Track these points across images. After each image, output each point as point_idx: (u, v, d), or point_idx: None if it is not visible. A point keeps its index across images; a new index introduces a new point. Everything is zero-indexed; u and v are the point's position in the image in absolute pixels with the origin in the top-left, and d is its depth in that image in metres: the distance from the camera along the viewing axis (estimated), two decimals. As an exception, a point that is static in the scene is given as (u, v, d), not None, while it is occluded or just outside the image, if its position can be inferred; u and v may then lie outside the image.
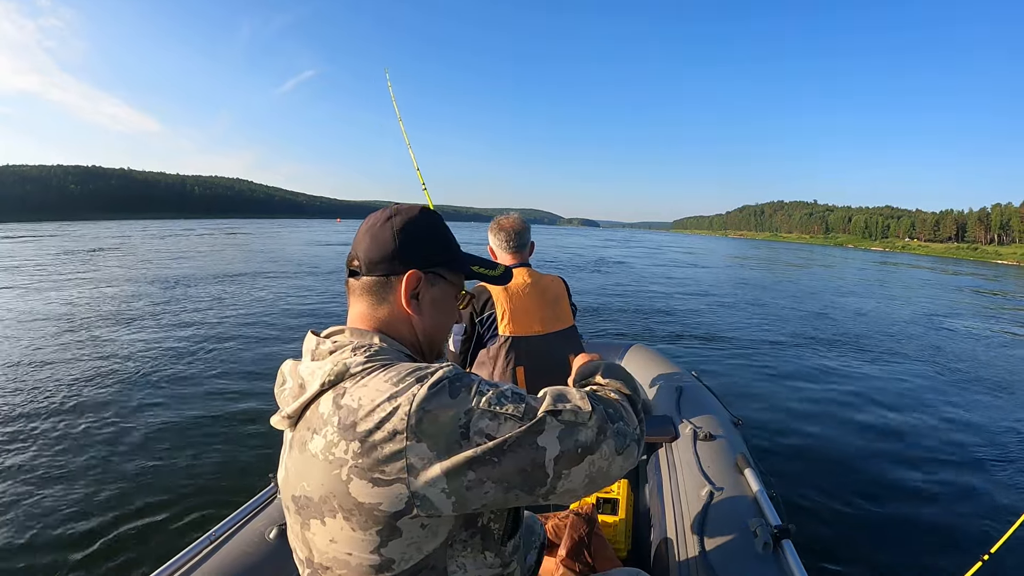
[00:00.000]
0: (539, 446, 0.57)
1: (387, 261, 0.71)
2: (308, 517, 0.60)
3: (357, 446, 0.55)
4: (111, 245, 22.37)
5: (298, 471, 0.61)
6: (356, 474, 0.55)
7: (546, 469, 0.58)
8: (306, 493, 0.60)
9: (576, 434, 0.60)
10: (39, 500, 2.67)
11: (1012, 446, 3.73)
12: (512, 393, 0.60)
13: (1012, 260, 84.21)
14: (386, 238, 0.72)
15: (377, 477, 0.55)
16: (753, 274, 20.16)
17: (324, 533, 0.59)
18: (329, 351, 0.65)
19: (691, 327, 7.91)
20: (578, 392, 0.65)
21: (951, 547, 2.39)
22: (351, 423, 0.56)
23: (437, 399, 0.56)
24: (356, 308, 0.73)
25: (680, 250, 39.99)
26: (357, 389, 0.59)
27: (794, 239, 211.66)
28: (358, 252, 0.73)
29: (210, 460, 3.10)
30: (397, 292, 0.71)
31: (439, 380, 0.58)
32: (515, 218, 1.84)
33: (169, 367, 4.93)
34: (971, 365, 6.30)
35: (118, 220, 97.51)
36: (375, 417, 0.55)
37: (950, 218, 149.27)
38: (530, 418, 0.58)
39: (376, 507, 0.55)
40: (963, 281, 23.65)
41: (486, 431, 0.56)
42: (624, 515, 1.66)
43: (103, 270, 13.12)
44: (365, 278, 0.72)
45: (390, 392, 0.57)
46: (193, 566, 1.22)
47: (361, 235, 0.74)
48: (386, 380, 0.58)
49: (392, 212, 0.75)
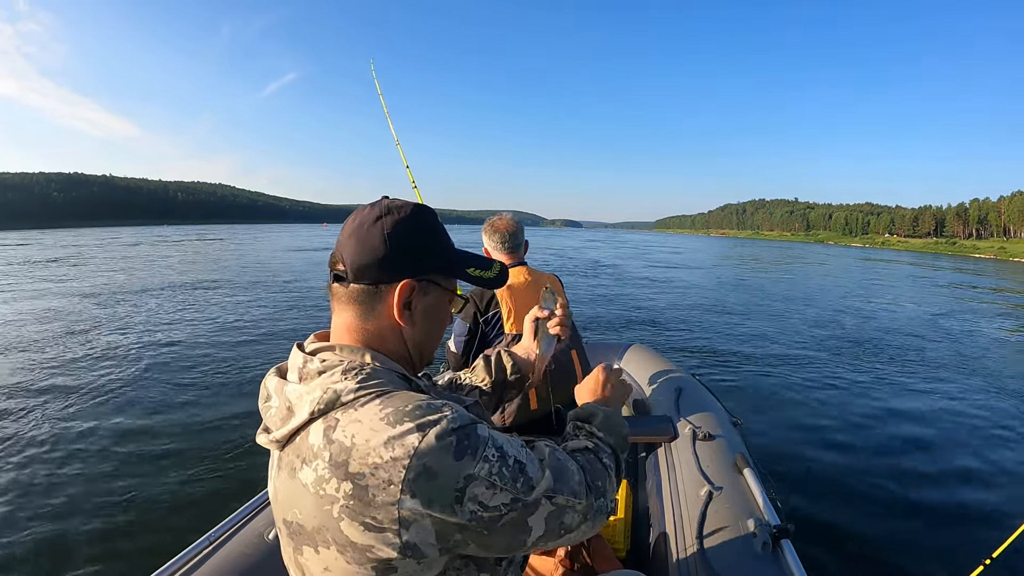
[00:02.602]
0: (528, 526, 0.57)
1: (377, 268, 0.65)
2: (301, 543, 0.59)
3: (349, 487, 0.53)
4: (70, 255, 21.20)
5: (288, 497, 0.59)
6: (347, 514, 0.53)
7: (526, 543, 0.59)
8: (298, 520, 0.58)
9: (563, 516, 0.60)
10: (36, 502, 2.70)
11: (1014, 447, 3.68)
12: (514, 462, 0.57)
13: (989, 253, 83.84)
14: (376, 242, 0.65)
15: (368, 522, 0.53)
16: (742, 274, 19.94)
17: (318, 561, 0.58)
18: (317, 371, 0.61)
19: (687, 328, 7.88)
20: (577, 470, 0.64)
21: (952, 550, 2.36)
22: (343, 461, 0.54)
23: (438, 457, 0.53)
24: (342, 317, 0.67)
25: (666, 250, 39.56)
26: (350, 424, 0.55)
27: (776, 237, 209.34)
28: (344, 255, 0.66)
29: (210, 460, 3.11)
30: (388, 302, 0.66)
31: (444, 433, 0.54)
32: (508, 219, 1.87)
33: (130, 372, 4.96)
34: (971, 364, 6.22)
35: (100, 227, 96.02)
36: (369, 461, 0.53)
37: (929, 214, 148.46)
38: (525, 496, 0.57)
39: (369, 548, 0.54)
40: (948, 276, 23.42)
41: (480, 499, 0.54)
42: (623, 515, 1.65)
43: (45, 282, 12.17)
44: (352, 286, 0.65)
45: (387, 435, 0.53)
46: (193, 567, 1.23)
47: (347, 236, 0.67)
48: (382, 418, 0.55)
49: (382, 211, 0.67)
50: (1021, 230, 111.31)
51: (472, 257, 0.76)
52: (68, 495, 2.78)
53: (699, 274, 18.56)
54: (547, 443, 0.67)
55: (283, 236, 47.48)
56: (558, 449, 0.66)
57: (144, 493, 2.78)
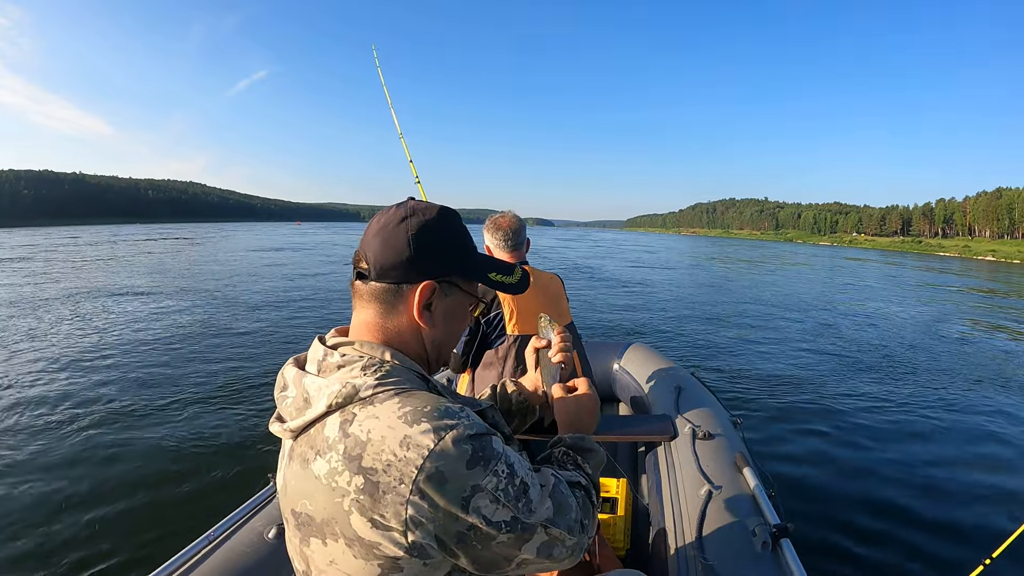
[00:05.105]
0: (518, 550, 0.59)
1: (399, 268, 0.66)
2: (308, 535, 0.59)
3: (361, 481, 0.54)
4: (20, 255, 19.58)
5: (299, 488, 0.60)
6: (357, 509, 0.54)
7: (511, 565, 0.60)
8: (307, 511, 0.59)
9: (552, 549, 0.61)
10: (31, 502, 2.64)
11: (1015, 447, 3.72)
12: (520, 483, 0.59)
13: (954, 252, 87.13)
14: (400, 243, 0.66)
15: (376, 519, 0.54)
16: (726, 274, 20.14)
17: (324, 553, 0.58)
18: (337, 365, 0.62)
19: (679, 329, 7.94)
20: (576, 507, 0.66)
21: (952, 550, 2.38)
22: (357, 455, 0.55)
23: (452, 462, 0.54)
24: (363, 314, 0.69)
25: (639, 248, 39.82)
26: (367, 420, 0.56)
27: (745, 235, 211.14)
28: (367, 254, 0.67)
29: (209, 460, 3.06)
30: (408, 302, 0.67)
31: (460, 440, 0.55)
32: (511, 216, 1.85)
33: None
34: (970, 362, 6.30)
35: (70, 225, 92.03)
36: (383, 458, 0.54)
37: (895, 213, 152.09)
38: (525, 519, 0.58)
39: (376, 545, 0.55)
40: (917, 275, 24.28)
41: (483, 512, 0.55)
42: (623, 513, 1.66)
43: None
44: (374, 284, 0.67)
45: (403, 434, 0.54)
46: (192, 566, 1.22)
47: (371, 235, 0.68)
48: (400, 416, 0.56)
49: (407, 212, 0.69)
50: (985, 229, 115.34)
51: (495, 262, 0.77)
52: (66, 494, 2.73)
53: (680, 274, 18.70)
54: (553, 472, 0.68)
55: (251, 236, 43.99)
56: (562, 481, 0.68)
57: (139, 493, 2.73)
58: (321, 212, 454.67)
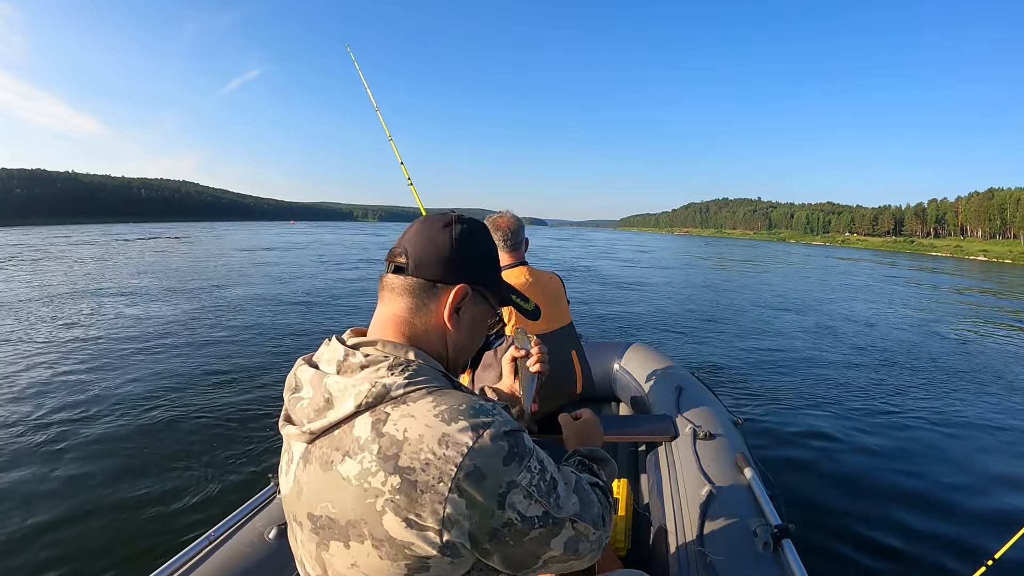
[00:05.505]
0: (548, 545, 0.60)
1: (438, 267, 0.68)
2: (329, 538, 0.58)
3: (397, 481, 0.54)
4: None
5: (319, 490, 0.59)
6: (391, 509, 0.54)
7: (538, 562, 0.61)
8: (329, 514, 0.58)
9: (579, 544, 0.63)
10: (32, 502, 2.62)
11: (1017, 448, 3.71)
12: (551, 478, 0.61)
13: (946, 252, 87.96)
14: (443, 243, 0.69)
15: (412, 519, 0.54)
16: (723, 274, 20.13)
17: (346, 556, 0.57)
18: (360, 365, 0.62)
19: (679, 329, 7.94)
20: (597, 503, 0.68)
21: (954, 551, 2.38)
22: (393, 455, 0.55)
23: (490, 459, 0.55)
24: (391, 308, 0.69)
25: (633, 248, 39.71)
26: (402, 419, 0.56)
27: (738, 235, 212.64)
28: (407, 248, 0.69)
29: (208, 460, 3.03)
30: (441, 301, 0.69)
31: (497, 436, 0.57)
32: (510, 216, 1.85)
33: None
34: (972, 363, 6.27)
35: (63, 224, 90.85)
36: (421, 456, 0.54)
37: (888, 213, 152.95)
38: (556, 513, 0.60)
39: (408, 545, 0.54)
40: (911, 274, 24.36)
41: (518, 507, 0.57)
42: (624, 513, 1.66)
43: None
44: (411, 278, 0.68)
45: (442, 432, 0.55)
46: (192, 566, 1.21)
47: (413, 233, 0.71)
48: (436, 414, 0.56)
49: (452, 219, 0.72)
50: (977, 229, 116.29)
51: (515, 289, 0.81)
52: (66, 494, 2.70)
53: (676, 273, 18.68)
54: (572, 470, 0.70)
55: (243, 234, 43.23)
56: (583, 478, 0.70)
57: (139, 494, 2.70)
58: (315, 211, 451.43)
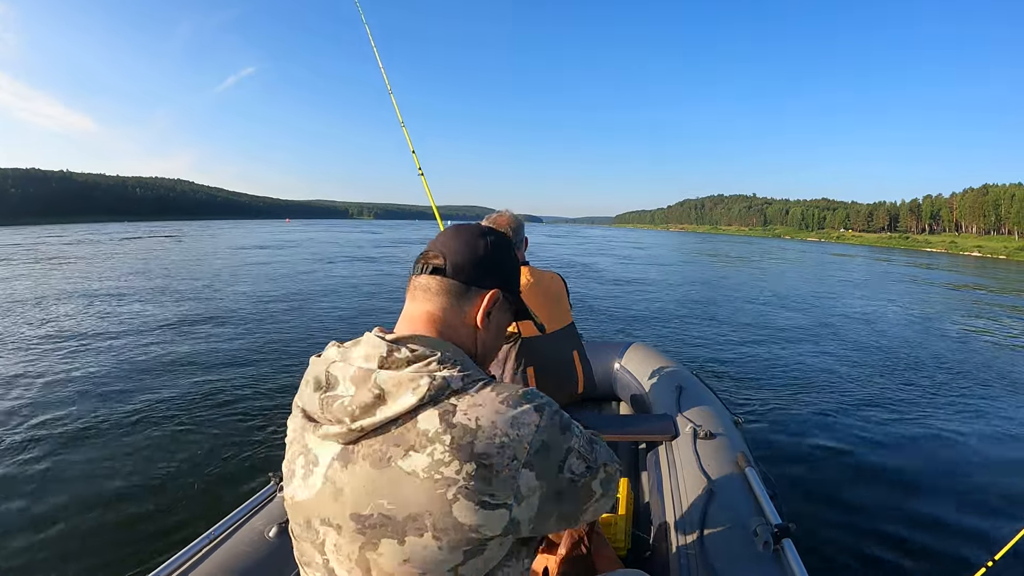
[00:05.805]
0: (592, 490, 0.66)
1: (475, 271, 0.72)
2: (380, 536, 0.58)
3: (472, 467, 0.56)
4: None
5: (371, 489, 0.58)
6: (464, 495, 0.55)
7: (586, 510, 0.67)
8: (384, 511, 0.57)
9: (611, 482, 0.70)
10: (31, 502, 2.62)
11: (1018, 448, 3.72)
12: (588, 437, 0.68)
13: (941, 248, 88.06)
14: (481, 249, 0.73)
15: (486, 500, 0.56)
16: (721, 271, 20.21)
17: (398, 553, 0.57)
18: (407, 360, 0.62)
19: (680, 327, 7.96)
20: (604, 445, 0.74)
21: (955, 551, 2.39)
22: (468, 443, 0.56)
23: (552, 433, 0.61)
24: (425, 306, 0.71)
25: (629, 244, 39.95)
26: (472, 408, 0.59)
27: (733, 231, 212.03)
28: (445, 251, 0.72)
29: (209, 459, 3.04)
30: (475, 303, 0.72)
31: (554, 413, 0.63)
32: (509, 216, 1.84)
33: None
34: (974, 362, 6.29)
35: (57, 224, 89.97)
36: (496, 441, 0.57)
37: (883, 209, 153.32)
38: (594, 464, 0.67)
39: (476, 528, 0.56)
40: (906, 270, 24.59)
41: (574, 468, 0.63)
42: (624, 512, 1.66)
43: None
44: (449, 280, 0.71)
45: (511, 415, 0.59)
46: (193, 565, 1.21)
47: (449, 237, 0.74)
48: (502, 401, 0.60)
49: (487, 229, 0.77)
50: (972, 225, 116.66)
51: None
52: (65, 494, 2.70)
53: (673, 270, 18.75)
54: None
55: (235, 233, 42.55)
56: None
57: (138, 494, 2.71)
58: (310, 209, 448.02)
